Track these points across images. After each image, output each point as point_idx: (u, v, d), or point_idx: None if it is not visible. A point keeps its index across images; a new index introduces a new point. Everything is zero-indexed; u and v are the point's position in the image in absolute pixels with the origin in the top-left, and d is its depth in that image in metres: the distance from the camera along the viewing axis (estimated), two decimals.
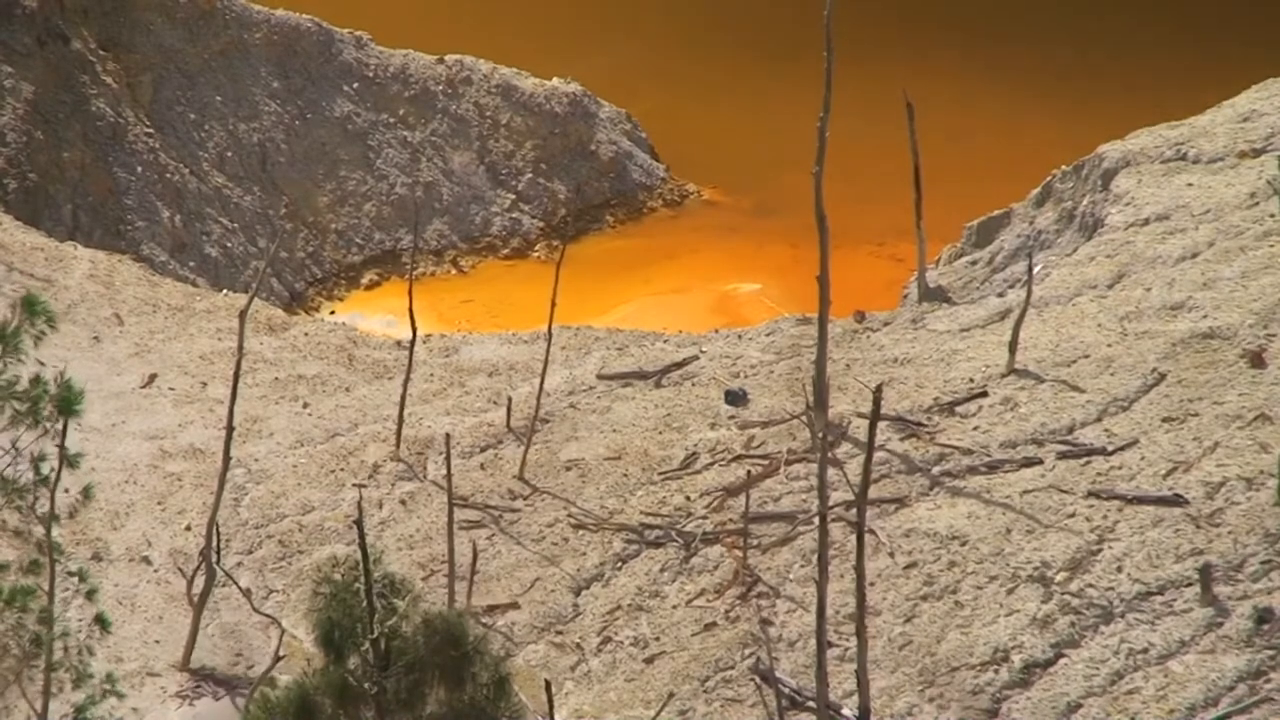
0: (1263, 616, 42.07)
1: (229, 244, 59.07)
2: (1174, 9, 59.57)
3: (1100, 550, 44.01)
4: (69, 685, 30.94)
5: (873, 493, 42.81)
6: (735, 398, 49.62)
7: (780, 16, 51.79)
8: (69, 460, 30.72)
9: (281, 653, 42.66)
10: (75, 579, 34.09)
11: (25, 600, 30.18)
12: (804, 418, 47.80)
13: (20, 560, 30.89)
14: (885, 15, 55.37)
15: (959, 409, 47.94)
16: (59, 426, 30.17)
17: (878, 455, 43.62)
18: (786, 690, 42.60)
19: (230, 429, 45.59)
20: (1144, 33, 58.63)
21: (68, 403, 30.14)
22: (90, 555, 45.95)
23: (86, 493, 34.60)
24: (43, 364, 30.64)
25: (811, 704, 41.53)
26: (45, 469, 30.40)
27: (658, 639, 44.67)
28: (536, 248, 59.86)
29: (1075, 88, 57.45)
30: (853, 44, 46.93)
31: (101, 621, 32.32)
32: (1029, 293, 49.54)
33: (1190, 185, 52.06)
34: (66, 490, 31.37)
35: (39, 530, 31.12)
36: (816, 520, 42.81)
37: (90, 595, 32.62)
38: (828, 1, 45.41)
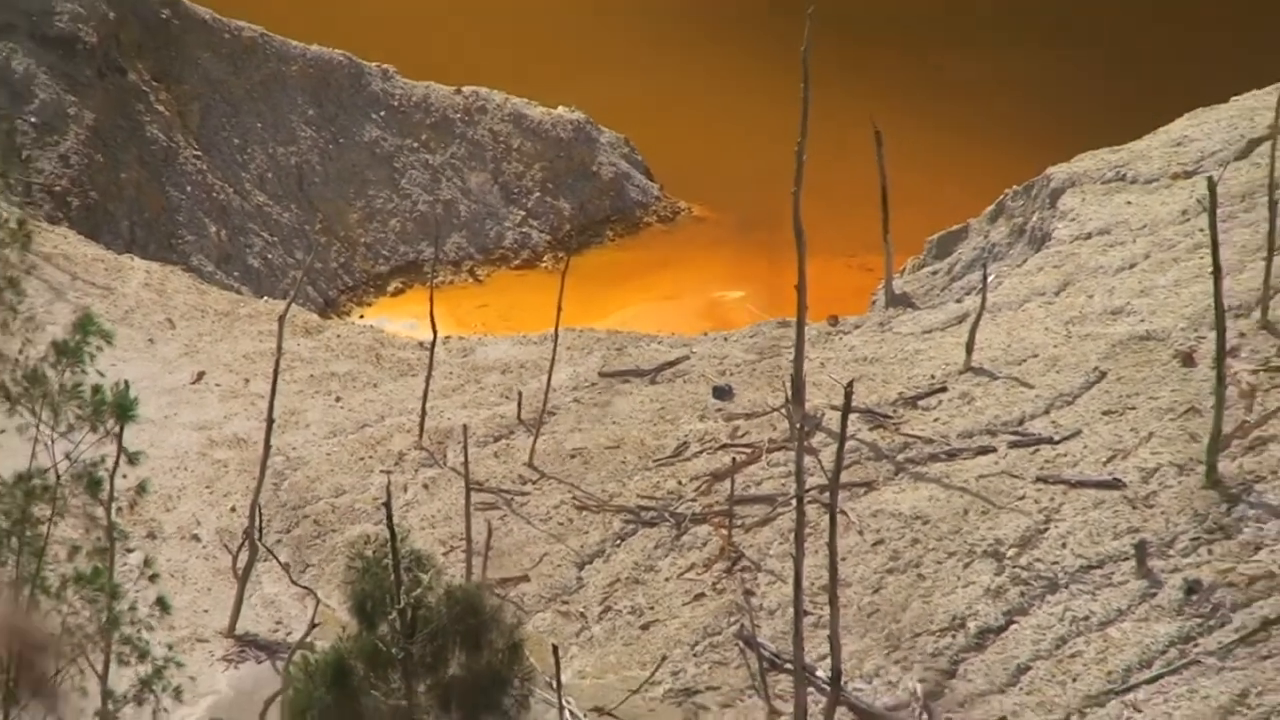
0: (1191, 587, 42.17)
1: (269, 256, 59.16)
2: (1118, 48, 59.62)
3: (1047, 529, 43.96)
4: (133, 659, 31.02)
5: (843, 478, 42.89)
6: (722, 393, 49.39)
7: (766, 48, 51.85)
8: (130, 458, 30.91)
9: (317, 621, 42.66)
10: (137, 559, 34.05)
11: (97, 582, 30.39)
12: (783, 410, 47.55)
13: (89, 544, 31.06)
14: (862, 54, 55.30)
15: (921, 403, 47.76)
16: (116, 429, 30.46)
17: (848, 444, 43.71)
18: (767, 654, 42.64)
19: (270, 420, 45.68)
20: (1091, 67, 58.65)
21: (124, 409, 30.45)
22: (145, 534, 45.86)
23: (142, 487, 34.66)
24: (102, 374, 30.85)
25: (789, 666, 41.58)
26: (108, 463, 30.64)
27: (652, 608, 44.70)
28: (544, 259, 59.94)
29: (1028, 116, 57.40)
30: (830, 73, 46.88)
31: (162, 604, 32.38)
32: (984, 299, 49.51)
33: (1129, 203, 51.95)
34: (124, 475, 31.58)
35: (103, 514, 31.23)
36: (794, 502, 43.13)
37: (153, 579, 32.68)
38: (806, 38, 45.72)
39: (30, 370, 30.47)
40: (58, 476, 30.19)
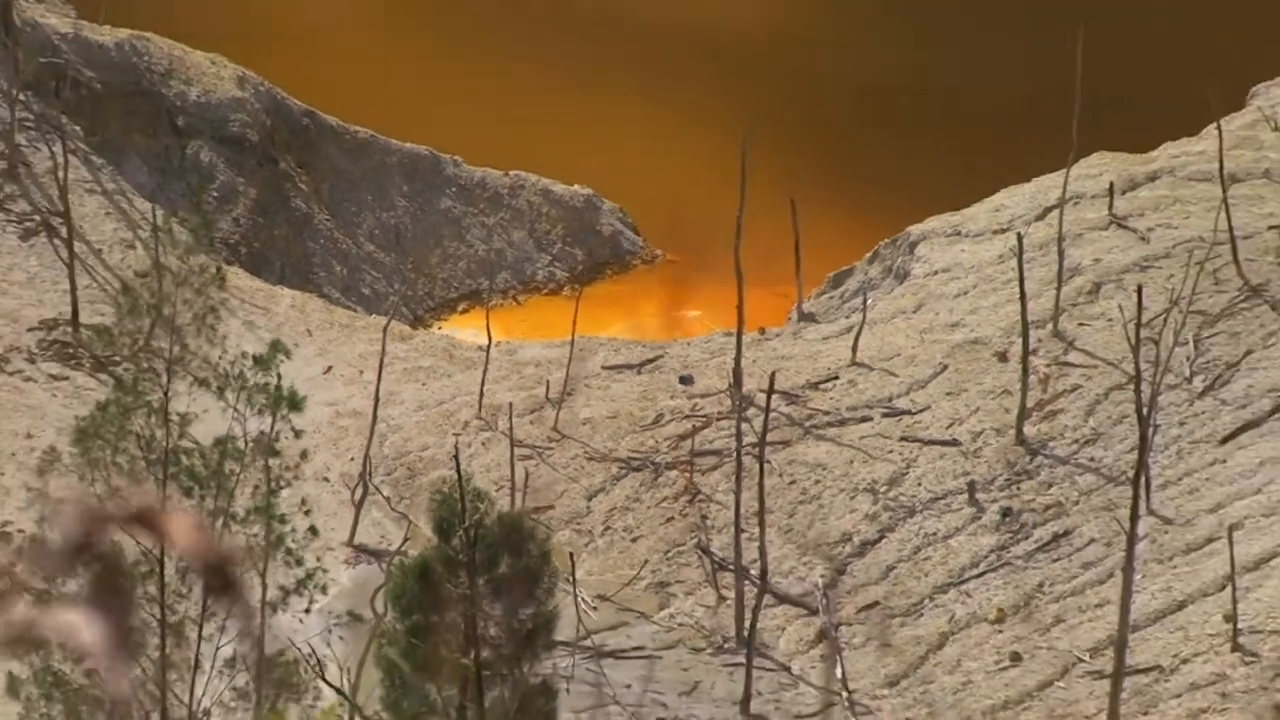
0: (1005, 513, 42.28)
1: (376, 287, 59.08)
2: (955, 142, 59.57)
3: (907, 473, 43.95)
4: (293, 565, 31.10)
5: (769, 438, 42.94)
6: (686, 380, 49.09)
7: (723, 131, 51.79)
8: (296, 433, 31.22)
9: (408, 536, 42.83)
10: (296, 498, 33.92)
11: (268, 514, 30.56)
12: (728, 392, 47.52)
13: (260, 484, 31.13)
14: (786, 143, 55.05)
15: (821, 386, 47.24)
16: (288, 415, 30.82)
17: (771, 415, 43.73)
18: (716, 558, 42.69)
19: (377, 399, 45.72)
20: (935, 155, 58.60)
21: (295, 403, 30.84)
22: (293, 476, 45.85)
23: (304, 454, 34.85)
24: (280, 377, 31.22)
25: (732, 567, 41.82)
26: (278, 434, 31.02)
27: (638, 527, 44.59)
28: (564, 289, 59.77)
29: (894, 190, 57.24)
30: (764, 157, 46.82)
31: (313, 529, 32.38)
32: (864, 316, 49.27)
33: (963, 250, 51.74)
34: (297, 433, 31.62)
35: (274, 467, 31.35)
36: (735, 454, 43.22)
37: (307, 513, 32.61)
38: (743, 143, 45.67)
39: (231, 370, 30.80)
40: (247, 442, 30.40)
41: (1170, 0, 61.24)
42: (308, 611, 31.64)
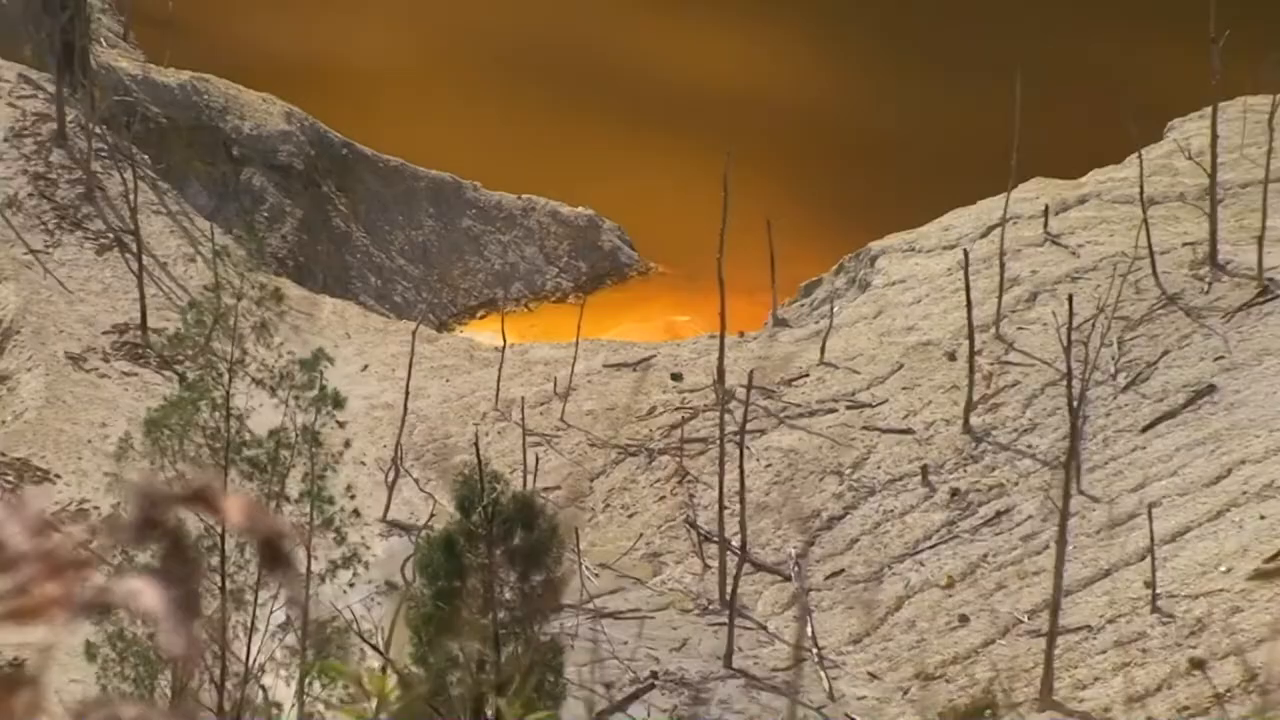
0: (954, 493, 42.32)
1: (407, 296, 59.00)
2: (908, 170, 59.55)
3: (869, 457, 43.90)
4: (340, 542, 31.11)
5: (748, 427, 42.93)
6: (676, 376, 49.12)
7: (711, 165, 51.60)
8: (340, 424, 31.28)
9: (434, 512, 42.73)
10: (343, 483, 33.85)
11: (317, 498, 30.57)
12: (713, 388, 47.44)
13: (309, 470, 31.11)
14: (759, 170, 54.82)
15: (793, 382, 47.20)
16: (332, 410, 30.95)
17: (750, 407, 43.75)
18: (702, 532, 42.74)
19: (407, 393, 45.74)
20: (890, 181, 58.61)
21: (337, 400, 30.86)
22: (332, 460, 45.62)
23: (347, 443, 34.93)
24: (326, 381, 31.35)
25: (715, 539, 41.88)
26: (323, 426, 31.10)
27: (634, 505, 44.57)
28: (570, 297, 59.78)
29: (856, 213, 57.22)
30: (747, 177, 46.80)
31: (356, 512, 32.35)
32: (830, 322, 49.18)
33: (917, 264, 51.59)
34: (340, 424, 31.58)
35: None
36: (718, 442, 43.20)
37: (352, 497, 32.52)
38: (726, 166, 45.65)
39: (283, 370, 30.85)
40: (296, 433, 30.38)
41: (1098, 51, 61.16)
42: (351, 585, 31.52)
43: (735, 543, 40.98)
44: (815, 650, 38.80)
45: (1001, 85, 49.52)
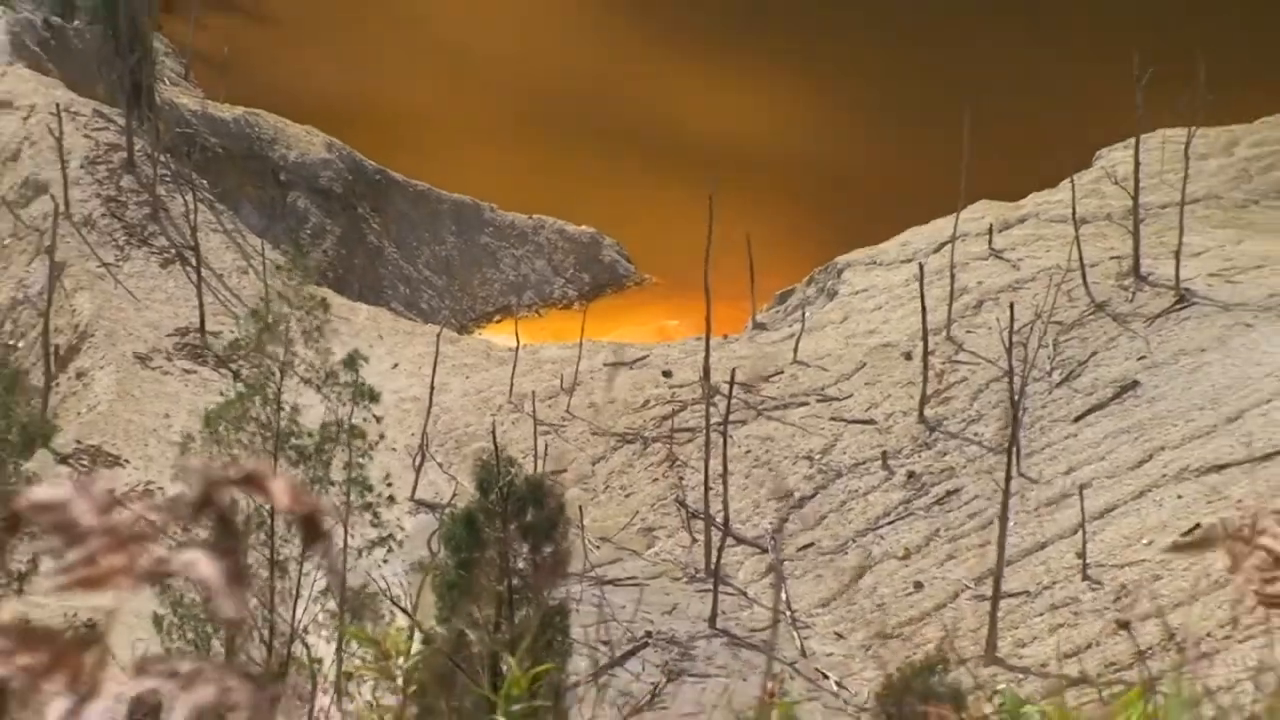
0: (910, 475, 42.36)
1: (433, 303, 59.00)
2: (873, 195, 59.48)
3: (835, 444, 43.92)
4: (375, 523, 31.16)
5: (731, 418, 42.93)
6: (667, 374, 49.25)
7: (697, 191, 51.48)
8: (377, 419, 31.35)
9: (456, 492, 42.70)
10: (381, 471, 33.80)
11: (357, 484, 30.65)
12: (699, 383, 47.47)
13: (349, 458, 31.16)
14: (740, 190, 54.63)
15: (770, 378, 47.44)
16: (369, 404, 31.02)
17: (732, 401, 43.71)
18: (690, 509, 42.68)
19: (432, 388, 45.78)
20: (855, 207, 58.57)
21: (374, 396, 30.95)
22: (368, 447, 45.56)
23: (382, 435, 34.96)
24: (363, 379, 31.47)
25: (701, 516, 41.86)
26: (360, 419, 31.18)
27: (631, 486, 44.49)
28: (575, 304, 59.82)
29: (825, 230, 57.16)
30: (730, 202, 46.76)
31: (391, 498, 32.41)
32: (803, 325, 49.38)
33: (878, 276, 51.75)
34: (377, 419, 31.54)
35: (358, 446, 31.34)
36: (704, 431, 43.17)
37: (389, 485, 32.56)
38: (710, 203, 45.59)
39: (328, 369, 30.96)
40: (339, 425, 30.46)
41: (1035, 91, 61.20)
42: (385, 561, 31.55)
43: (719, 519, 40.96)
44: (789, 613, 38.78)
45: (953, 122, 49.74)
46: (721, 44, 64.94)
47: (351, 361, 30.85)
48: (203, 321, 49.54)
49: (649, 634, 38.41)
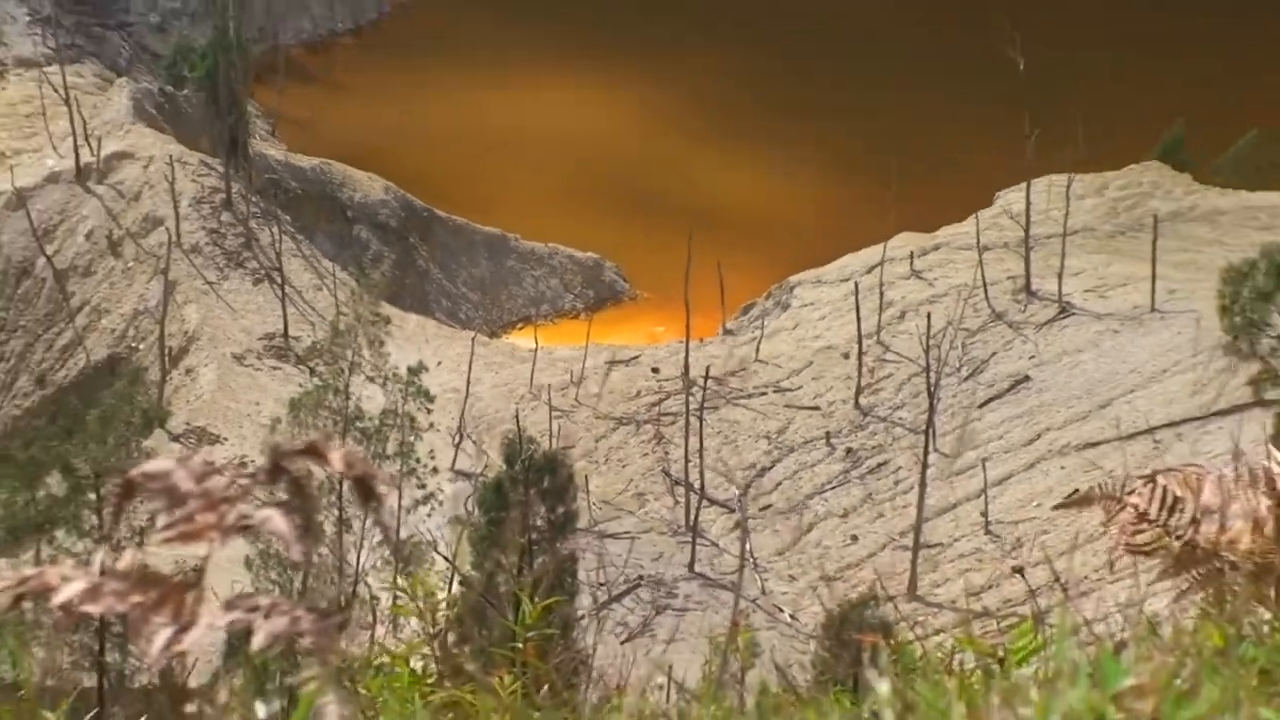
0: (849, 450, 42.27)
1: (469, 314, 58.77)
2: (822, 222, 59.18)
3: (788, 426, 43.78)
4: (421, 487, 30.98)
5: (706, 405, 42.82)
6: (655, 370, 49.05)
7: (678, 225, 51.18)
8: (429, 410, 31.29)
9: (487, 464, 42.51)
10: (427, 448, 33.60)
11: (406, 455, 30.57)
12: (680, 377, 47.25)
13: (404, 439, 31.09)
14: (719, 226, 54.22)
15: (738, 373, 47.22)
16: (426, 403, 30.97)
17: (706, 391, 43.57)
18: (673, 478, 42.55)
19: (468, 381, 45.59)
20: (804, 235, 58.23)
21: (426, 394, 30.92)
22: (419, 430, 45.33)
23: (432, 424, 34.87)
24: (417, 381, 31.29)
25: (682, 483, 41.79)
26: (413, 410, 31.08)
27: (626, 459, 44.34)
28: (582, 315, 59.69)
29: (783, 255, 56.78)
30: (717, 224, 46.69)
31: (434, 469, 32.34)
32: (763, 331, 49.10)
33: (822, 292, 51.37)
34: (429, 410, 31.40)
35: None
36: (685, 415, 43.07)
37: (433, 459, 32.46)
38: (689, 242, 45.45)
39: (390, 372, 30.98)
40: (397, 414, 30.43)
41: (947, 145, 61.13)
42: (429, 516, 31.51)
43: (696, 485, 40.88)
44: (752, 560, 38.84)
45: (883, 171, 49.77)
46: (721, 133, 64.30)
47: (416, 371, 30.82)
48: (286, 328, 49.72)
49: (640, 577, 38.41)
